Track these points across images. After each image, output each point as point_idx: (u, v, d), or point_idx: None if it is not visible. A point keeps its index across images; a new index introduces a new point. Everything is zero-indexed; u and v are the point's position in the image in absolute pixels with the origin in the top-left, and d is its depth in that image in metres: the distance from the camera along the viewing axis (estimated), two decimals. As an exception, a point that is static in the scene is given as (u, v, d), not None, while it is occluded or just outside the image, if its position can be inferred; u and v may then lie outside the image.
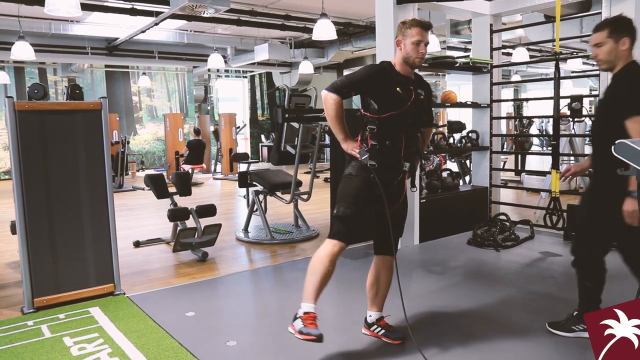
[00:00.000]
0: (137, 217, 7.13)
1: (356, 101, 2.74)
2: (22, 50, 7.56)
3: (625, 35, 2.55)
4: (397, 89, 2.58)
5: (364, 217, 2.63)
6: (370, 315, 2.87)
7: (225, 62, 11.39)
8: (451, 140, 5.94)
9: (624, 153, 1.79)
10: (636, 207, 2.39)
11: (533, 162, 9.83)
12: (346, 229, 2.58)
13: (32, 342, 2.91)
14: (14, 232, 3.77)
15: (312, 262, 2.59)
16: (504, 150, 10.22)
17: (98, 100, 3.57)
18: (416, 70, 2.74)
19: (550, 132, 4.95)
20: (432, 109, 3.00)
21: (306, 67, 10.84)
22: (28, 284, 3.37)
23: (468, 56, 6.33)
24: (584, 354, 2.64)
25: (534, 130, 12.57)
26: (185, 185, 5.24)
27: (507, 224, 5.20)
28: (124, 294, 3.71)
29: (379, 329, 2.84)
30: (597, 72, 4.82)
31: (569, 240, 4.94)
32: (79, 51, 10.50)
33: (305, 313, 2.51)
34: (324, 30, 6.95)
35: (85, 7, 6.63)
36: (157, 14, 7.70)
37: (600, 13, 4.72)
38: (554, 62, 4.67)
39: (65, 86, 3.73)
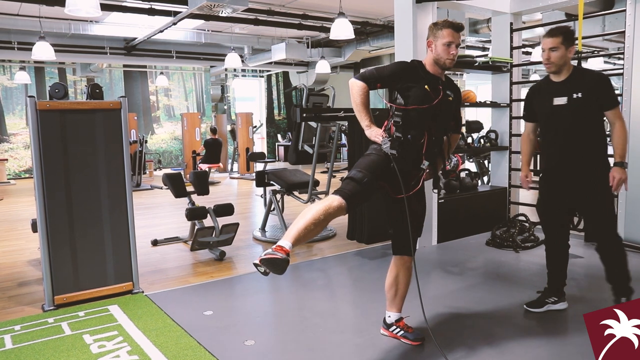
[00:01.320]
0: (155, 216, 7.18)
1: (375, 99, 2.73)
2: (42, 51, 7.66)
3: (572, 44, 2.99)
4: (426, 86, 2.60)
5: (372, 189, 2.56)
6: (389, 316, 2.85)
7: (242, 61, 11.43)
8: (469, 140, 5.88)
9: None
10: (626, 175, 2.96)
11: (552, 163, 9.67)
12: (352, 189, 2.48)
13: (53, 339, 2.94)
14: (35, 230, 3.82)
15: (308, 207, 2.42)
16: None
17: (118, 99, 3.60)
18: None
19: (572, 131, 4.85)
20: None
21: (323, 67, 10.82)
22: (48, 281, 3.41)
23: (486, 55, 6.26)
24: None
25: (553, 130, 12.38)
26: (203, 184, 5.26)
27: (527, 224, 5.13)
28: (143, 292, 3.73)
29: (398, 329, 2.82)
30: (621, 71, 4.73)
31: (590, 242, 4.85)
32: (98, 51, 10.62)
33: (278, 245, 2.26)
34: (341, 30, 6.92)
35: (104, 7, 6.70)
36: (175, 13, 7.75)
37: (624, 10, 4.63)
38: (576, 60, 4.58)
39: (85, 85, 3.77)
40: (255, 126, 13.80)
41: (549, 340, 2.82)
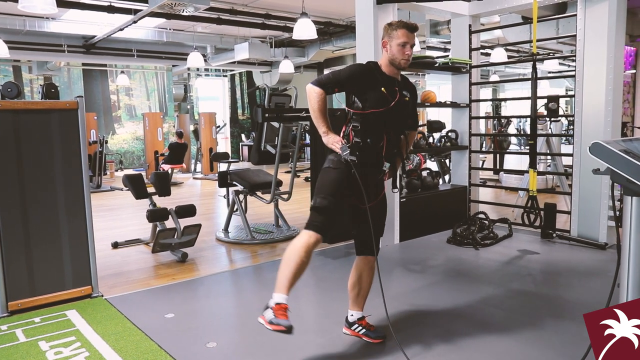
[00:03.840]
0: (116, 218, 7.04)
1: (336, 101, 2.74)
2: (-5, 48, 7.40)
3: None
4: (382, 88, 2.60)
5: (341, 210, 2.61)
6: (352, 315, 2.88)
7: (205, 60, 11.29)
8: (431, 140, 5.98)
9: (599, 153, 1.82)
10: None
11: (511, 161, 9.95)
12: (323, 220, 2.54)
13: (6, 347, 2.85)
14: (-13, 234, 3.69)
15: (287, 251, 2.51)
16: (483, 149, 10.33)
17: (74, 99, 3.51)
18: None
19: (528, 131, 5.02)
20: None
21: (287, 67, 10.81)
22: (1, 287, 3.29)
23: (447, 56, 6.38)
24: (562, 349, 2.68)
25: (512, 129, 12.73)
26: (164, 185, 5.18)
27: (486, 222, 5.26)
28: (102, 296, 3.66)
29: (360, 328, 2.85)
30: (573, 73, 4.89)
31: (546, 239, 5.02)
32: (55, 49, 10.29)
33: (276, 304, 2.40)
34: (304, 30, 6.94)
35: (61, 3, 6.51)
36: (136, 11, 7.60)
37: (575, 15, 4.80)
38: (532, 62, 4.74)
39: (41, 85, 3.67)
40: (219, 126, 13.67)
41: (506, 335, 2.89)
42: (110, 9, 7.55)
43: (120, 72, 13.76)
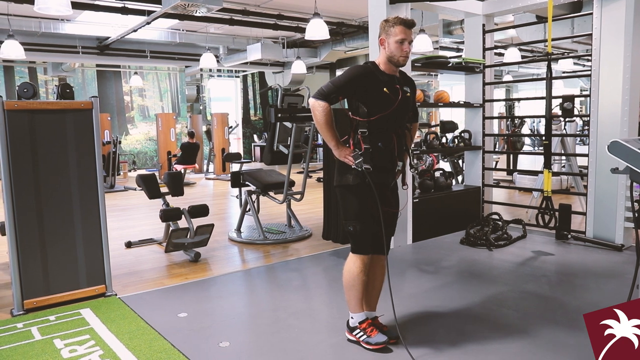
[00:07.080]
0: (129, 218, 7.08)
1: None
2: (11, 49, 7.47)
3: None
4: (384, 89, 2.57)
5: (372, 223, 2.66)
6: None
7: (218, 61, 11.35)
8: (444, 140, 5.94)
9: (618, 152, 1.79)
10: None
11: (525, 162, 9.87)
12: (363, 242, 2.67)
13: (22, 345, 2.87)
14: (3, 233, 3.73)
15: (345, 277, 2.71)
16: (496, 150, 10.25)
17: (89, 99, 3.54)
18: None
19: (542, 131, 4.97)
20: (425, 108, 3.03)
21: (299, 67, 10.82)
22: (18, 285, 3.33)
23: (461, 56, 6.34)
24: (577, 352, 2.65)
25: (525, 130, 12.61)
26: (177, 185, 5.21)
27: (500, 223, 5.22)
28: (116, 295, 3.68)
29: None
30: (589, 73, 4.84)
31: (561, 240, 4.96)
32: (70, 50, 10.41)
33: (360, 322, 2.72)
34: (316, 30, 6.93)
35: (75, 5, 6.58)
36: (149, 13, 7.66)
37: (591, 14, 4.75)
38: (546, 62, 4.69)
39: (56, 85, 3.71)
40: (231, 126, 13.72)
41: (520, 338, 2.86)
42: (124, 11, 7.61)
43: (133, 73, 13.87)
